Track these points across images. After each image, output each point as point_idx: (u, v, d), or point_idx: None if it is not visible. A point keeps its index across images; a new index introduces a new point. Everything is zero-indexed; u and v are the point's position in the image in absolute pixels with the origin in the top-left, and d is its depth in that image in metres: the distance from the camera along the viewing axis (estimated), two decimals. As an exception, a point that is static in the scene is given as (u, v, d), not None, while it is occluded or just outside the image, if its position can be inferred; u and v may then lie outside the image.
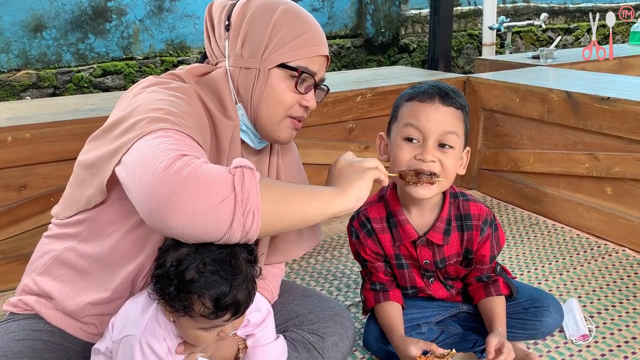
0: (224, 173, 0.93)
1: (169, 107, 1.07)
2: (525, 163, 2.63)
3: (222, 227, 0.92)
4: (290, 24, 1.19)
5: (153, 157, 0.94)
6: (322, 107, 2.45)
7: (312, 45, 1.21)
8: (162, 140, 0.97)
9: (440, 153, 1.35)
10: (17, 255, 1.94)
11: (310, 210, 1.04)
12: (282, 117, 1.23)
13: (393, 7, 5.06)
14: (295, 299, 1.42)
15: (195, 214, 0.90)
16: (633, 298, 1.89)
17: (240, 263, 1.01)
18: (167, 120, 1.02)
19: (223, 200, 0.90)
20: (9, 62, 3.76)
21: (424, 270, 1.52)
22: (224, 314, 1.00)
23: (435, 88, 1.39)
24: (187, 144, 1.00)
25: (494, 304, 1.51)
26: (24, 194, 1.92)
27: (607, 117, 2.25)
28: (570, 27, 6.28)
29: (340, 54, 4.99)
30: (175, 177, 0.90)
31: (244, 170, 0.95)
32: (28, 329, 1.16)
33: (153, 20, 4.19)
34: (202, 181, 0.90)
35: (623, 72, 3.55)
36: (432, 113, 1.35)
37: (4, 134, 1.85)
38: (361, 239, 1.51)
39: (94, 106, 2.19)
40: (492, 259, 1.52)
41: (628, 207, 2.26)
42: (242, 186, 0.92)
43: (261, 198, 0.95)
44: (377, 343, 1.53)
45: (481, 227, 1.47)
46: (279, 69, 1.19)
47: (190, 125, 1.06)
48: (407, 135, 1.37)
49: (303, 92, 1.22)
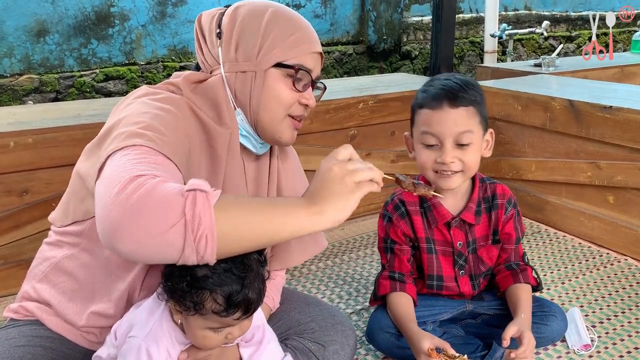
0: (176, 197, 0.88)
1: (151, 120, 1.05)
2: (527, 171, 2.62)
3: (174, 251, 0.89)
4: (281, 24, 1.20)
5: (112, 178, 0.92)
6: (324, 114, 2.45)
7: (306, 42, 1.22)
8: (127, 159, 0.96)
9: (460, 151, 1.44)
10: (18, 261, 1.94)
11: (279, 232, 0.97)
12: (283, 117, 1.22)
13: (395, 14, 5.07)
14: (296, 307, 1.42)
15: (145, 239, 0.87)
16: (635, 308, 1.89)
17: (251, 262, 1.03)
18: (143, 136, 1.01)
19: (172, 226, 0.87)
20: (12, 66, 3.77)
21: (457, 255, 1.57)
22: (235, 311, 1.01)
23: (443, 91, 1.44)
24: (154, 161, 0.97)
25: (520, 291, 1.55)
26: (25, 199, 1.92)
27: (610, 125, 2.25)
28: (572, 35, 6.30)
29: (342, 60, 5.00)
30: (125, 201, 0.87)
31: (197, 193, 0.89)
32: (29, 335, 1.15)
33: (156, 26, 4.20)
34: (152, 206, 0.87)
35: (625, 80, 3.55)
36: (443, 118, 1.43)
37: (6, 139, 1.86)
38: (394, 220, 1.58)
39: (96, 111, 2.20)
40: (518, 240, 1.61)
41: (630, 216, 2.26)
42: (193, 210, 0.87)
43: (218, 220, 0.89)
44: (382, 333, 1.54)
45: (505, 206, 1.59)
46: (275, 69, 1.19)
47: (169, 140, 1.04)
48: (425, 142, 1.46)
49: (301, 90, 1.22)
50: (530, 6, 6.03)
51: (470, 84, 1.47)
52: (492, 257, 1.60)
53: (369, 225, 2.59)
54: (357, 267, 2.20)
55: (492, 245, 1.60)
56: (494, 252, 1.60)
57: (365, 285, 2.05)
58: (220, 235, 0.90)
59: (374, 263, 2.22)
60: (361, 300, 1.95)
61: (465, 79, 1.48)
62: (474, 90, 1.46)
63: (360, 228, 2.57)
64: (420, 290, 1.61)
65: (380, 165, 2.68)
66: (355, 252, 2.33)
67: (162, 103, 1.12)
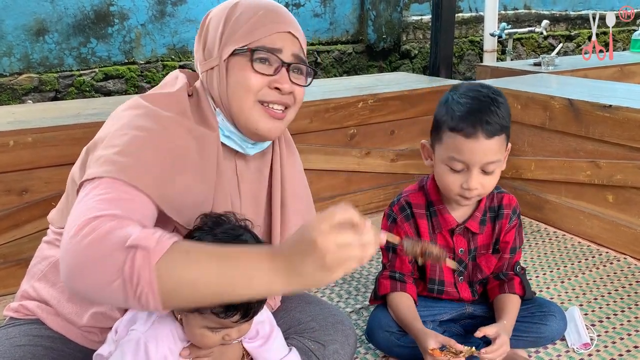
0: (118, 252, 0.85)
1: (128, 145, 1.03)
2: (526, 170, 2.63)
3: (120, 302, 0.88)
4: (242, 11, 1.15)
5: (73, 217, 0.92)
6: (323, 113, 2.45)
7: (267, 24, 1.14)
8: (93, 194, 0.95)
9: (484, 177, 1.42)
10: (17, 260, 1.94)
11: (231, 294, 0.86)
12: (252, 103, 1.14)
13: (395, 14, 5.07)
14: (297, 306, 1.41)
15: (93, 288, 0.87)
16: (635, 306, 1.89)
17: None
18: (116, 164, 0.99)
19: (112, 282, 0.85)
20: (11, 65, 3.77)
21: (457, 261, 1.57)
22: (234, 314, 1.01)
23: (479, 119, 1.37)
24: (118, 197, 0.96)
25: (506, 300, 1.55)
26: (25, 198, 1.92)
27: (609, 124, 2.25)
28: (572, 34, 6.30)
29: (342, 59, 5.00)
30: (76, 247, 0.87)
31: (137, 251, 0.84)
32: (29, 335, 1.15)
33: (155, 25, 4.20)
34: (96, 258, 0.85)
35: (625, 79, 3.55)
36: (477, 148, 1.38)
37: (5, 138, 1.85)
38: (398, 221, 1.57)
39: (95, 110, 2.19)
40: (513, 250, 1.60)
41: (629, 215, 2.26)
42: (131, 269, 0.84)
43: (160, 278, 0.84)
44: (382, 332, 1.55)
45: (510, 216, 1.58)
46: (234, 58, 1.13)
47: (144, 165, 1.02)
48: (451, 166, 1.42)
49: (272, 73, 1.13)
50: (530, 5, 6.03)
51: (500, 102, 1.41)
52: (490, 266, 1.60)
53: (368, 224, 2.59)
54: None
55: (491, 255, 1.60)
56: (493, 261, 1.60)
57: (365, 284, 2.05)
58: (164, 292, 0.84)
59: (373, 262, 2.22)
60: (361, 299, 1.95)
61: (493, 96, 1.41)
62: (504, 109, 1.42)
63: (360, 227, 2.57)
64: (420, 292, 1.62)
65: (380, 164, 2.71)
66: (355, 251, 2.33)
67: (145, 121, 1.08)
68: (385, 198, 2.72)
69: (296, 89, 1.17)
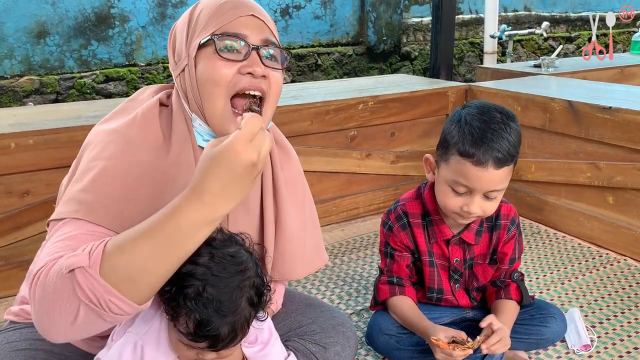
0: (62, 284, 0.86)
1: (94, 178, 1.02)
2: (526, 172, 2.63)
3: (100, 323, 0.89)
4: (203, 7, 1.11)
5: (34, 264, 0.95)
6: (323, 115, 2.46)
7: (228, 10, 1.08)
8: (54, 238, 0.97)
9: (485, 202, 1.40)
10: (19, 262, 1.94)
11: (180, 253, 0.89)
12: (224, 102, 1.06)
13: (395, 15, 5.08)
14: (298, 309, 1.41)
15: (66, 329, 0.88)
16: (635, 308, 1.89)
17: (239, 303, 0.98)
18: (82, 204, 1.00)
19: (77, 312, 0.87)
20: (12, 68, 3.78)
21: (452, 270, 1.57)
22: (201, 341, 0.97)
23: (489, 147, 1.34)
24: (75, 235, 0.96)
25: (502, 305, 1.55)
26: (26, 200, 1.93)
27: (609, 126, 2.26)
28: (572, 36, 6.30)
29: (342, 61, 5.01)
30: (35, 304, 0.89)
31: (76, 274, 0.85)
32: (30, 339, 1.15)
33: (156, 27, 4.20)
34: (50, 302, 0.87)
35: (624, 81, 3.55)
36: (484, 178, 1.36)
37: (7, 140, 1.86)
38: (394, 230, 1.56)
39: (96, 112, 2.20)
40: (512, 261, 1.59)
41: (629, 216, 2.26)
42: (83, 292, 0.85)
43: (111, 281, 0.86)
44: (381, 335, 1.55)
45: (508, 227, 1.56)
46: (201, 51, 1.07)
47: (110, 197, 1.01)
48: (455, 188, 1.40)
49: (241, 59, 1.06)
50: (530, 7, 6.04)
51: (514, 131, 1.38)
52: (487, 276, 1.60)
53: (369, 226, 2.59)
54: (357, 268, 2.20)
55: (488, 265, 1.59)
56: (489, 272, 1.59)
57: (366, 286, 2.05)
58: (125, 291, 0.86)
59: (374, 264, 2.23)
60: (361, 300, 1.95)
61: (510, 123, 1.38)
62: (517, 135, 1.39)
63: (360, 229, 2.58)
64: (420, 299, 1.62)
65: (380, 166, 2.71)
66: (356, 253, 2.34)
67: (114, 146, 1.06)
68: (385, 200, 2.73)
69: (270, 72, 1.09)
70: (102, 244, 0.89)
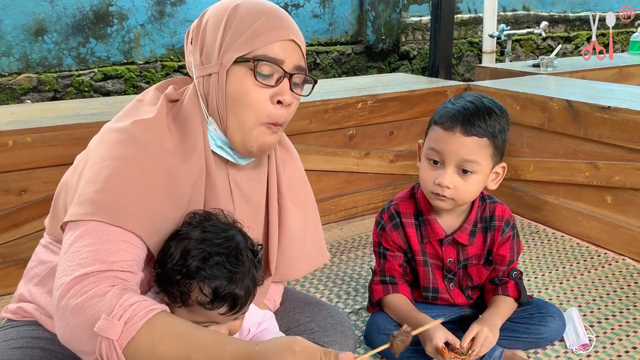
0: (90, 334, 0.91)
1: (109, 178, 1.02)
2: (525, 171, 2.63)
3: None
4: (243, 16, 1.09)
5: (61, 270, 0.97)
6: (322, 114, 2.45)
7: (269, 31, 1.08)
8: (78, 246, 0.98)
9: (460, 179, 1.40)
10: (16, 260, 1.94)
11: None
12: (255, 123, 1.10)
13: (394, 14, 5.07)
14: (296, 307, 1.41)
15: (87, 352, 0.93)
16: (633, 307, 1.89)
17: (244, 259, 1.03)
18: (98, 205, 1.00)
19: (94, 354, 0.91)
20: (10, 65, 3.77)
21: (446, 270, 1.57)
22: (221, 305, 1.00)
23: (461, 115, 1.38)
24: (102, 249, 0.97)
25: (496, 300, 1.55)
26: (24, 198, 1.92)
27: (608, 126, 2.26)
28: (570, 36, 6.30)
29: (341, 60, 5.00)
30: (63, 314, 0.94)
31: (102, 341, 0.89)
32: (27, 337, 1.15)
33: (154, 25, 4.19)
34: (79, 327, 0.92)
35: (623, 81, 3.56)
36: (452, 142, 1.38)
37: (4, 137, 1.85)
38: (387, 230, 1.56)
39: (95, 110, 2.19)
40: (510, 262, 1.58)
41: (628, 216, 2.26)
42: (101, 354, 0.90)
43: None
44: (379, 335, 1.54)
45: (503, 228, 1.55)
46: (236, 66, 1.08)
47: (128, 198, 1.02)
48: (430, 157, 1.43)
49: (273, 84, 1.08)
50: (529, 7, 6.04)
51: (494, 113, 1.40)
52: (482, 277, 1.60)
53: (367, 225, 2.59)
54: (356, 267, 2.20)
55: (483, 267, 1.58)
56: (484, 273, 1.59)
57: (364, 285, 2.05)
58: None
59: (372, 263, 2.22)
60: (360, 299, 1.95)
61: (490, 106, 1.41)
62: (496, 120, 1.39)
63: (359, 228, 2.57)
64: (416, 298, 1.62)
65: (379, 165, 2.71)
66: (354, 252, 2.33)
67: (125, 148, 1.05)
68: (384, 198, 2.72)
69: (295, 100, 1.14)
70: (143, 320, 0.90)
